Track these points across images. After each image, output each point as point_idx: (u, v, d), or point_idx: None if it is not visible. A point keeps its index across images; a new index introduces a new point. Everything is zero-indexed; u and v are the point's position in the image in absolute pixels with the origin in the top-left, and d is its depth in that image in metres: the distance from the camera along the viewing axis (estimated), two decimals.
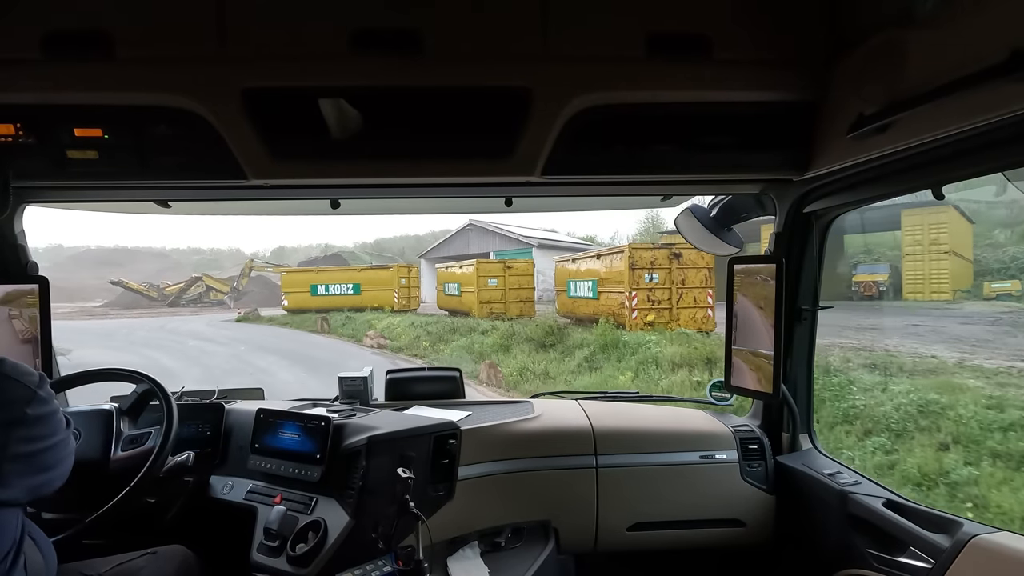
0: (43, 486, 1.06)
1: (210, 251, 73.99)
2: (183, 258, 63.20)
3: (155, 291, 29.77)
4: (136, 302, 29.14)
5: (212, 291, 29.19)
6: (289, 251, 66.44)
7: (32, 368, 1.06)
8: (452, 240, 29.50)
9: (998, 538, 1.25)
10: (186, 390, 2.05)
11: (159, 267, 49.04)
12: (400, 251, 51.58)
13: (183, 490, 1.66)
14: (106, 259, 56.21)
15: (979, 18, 0.95)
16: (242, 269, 29.64)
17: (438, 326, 15.37)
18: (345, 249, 51.24)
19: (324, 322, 18.31)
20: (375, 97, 1.35)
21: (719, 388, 2.08)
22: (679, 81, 1.35)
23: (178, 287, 29.86)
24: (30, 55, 1.26)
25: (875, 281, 15.46)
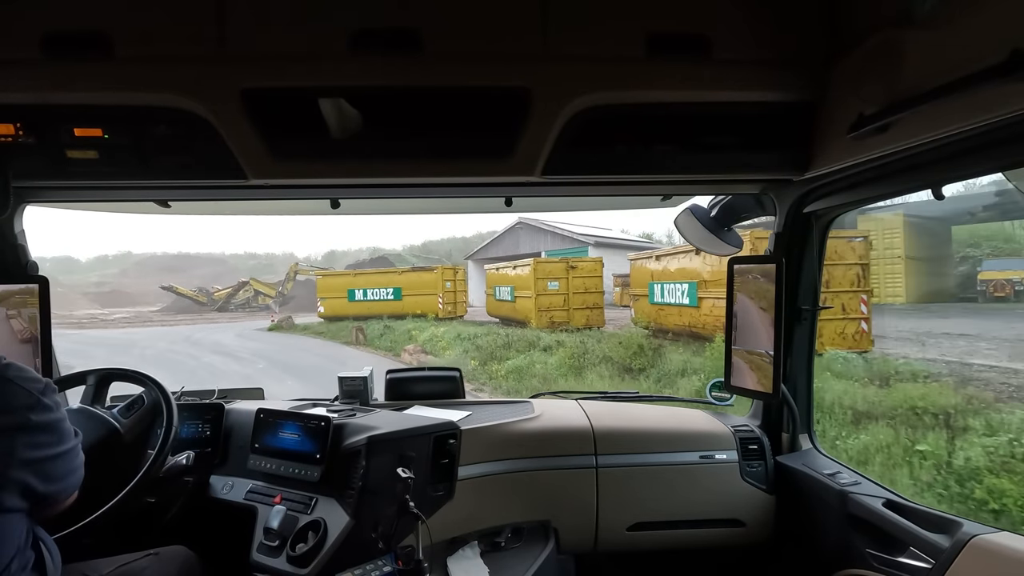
0: (50, 497, 1.05)
1: (265, 255, 75.68)
2: (239, 263, 64.71)
3: (205, 296, 29.71)
4: (188, 307, 29.29)
5: (260, 295, 28.79)
6: (339, 255, 66.52)
7: (38, 374, 1.05)
8: (500, 240, 27.96)
9: (998, 538, 1.25)
10: (186, 390, 2.06)
11: (217, 271, 49.93)
12: (447, 253, 51.08)
13: (183, 490, 1.66)
14: (169, 265, 58.05)
15: (978, 18, 0.95)
16: (287, 273, 29.15)
17: (489, 339, 13.11)
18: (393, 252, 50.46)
19: (359, 333, 16.50)
20: (375, 97, 1.35)
21: (719, 388, 2.07)
22: (679, 81, 1.35)
23: (226, 292, 29.71)
24: (30, 55, 1.26)
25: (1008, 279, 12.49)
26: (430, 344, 13.91)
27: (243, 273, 39.21)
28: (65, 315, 31.31)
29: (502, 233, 28.02)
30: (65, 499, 1.11)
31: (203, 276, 44.15)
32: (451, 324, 16.87)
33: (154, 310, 31.83)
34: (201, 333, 19.33)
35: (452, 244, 60.59)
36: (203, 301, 29.32)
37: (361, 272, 22.89)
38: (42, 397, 1.02)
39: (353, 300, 20.26)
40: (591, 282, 15.00)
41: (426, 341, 14.19)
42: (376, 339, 16.00)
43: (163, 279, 37.02)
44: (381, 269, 23.70)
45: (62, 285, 44.56)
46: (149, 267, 57.74)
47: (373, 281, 20.76)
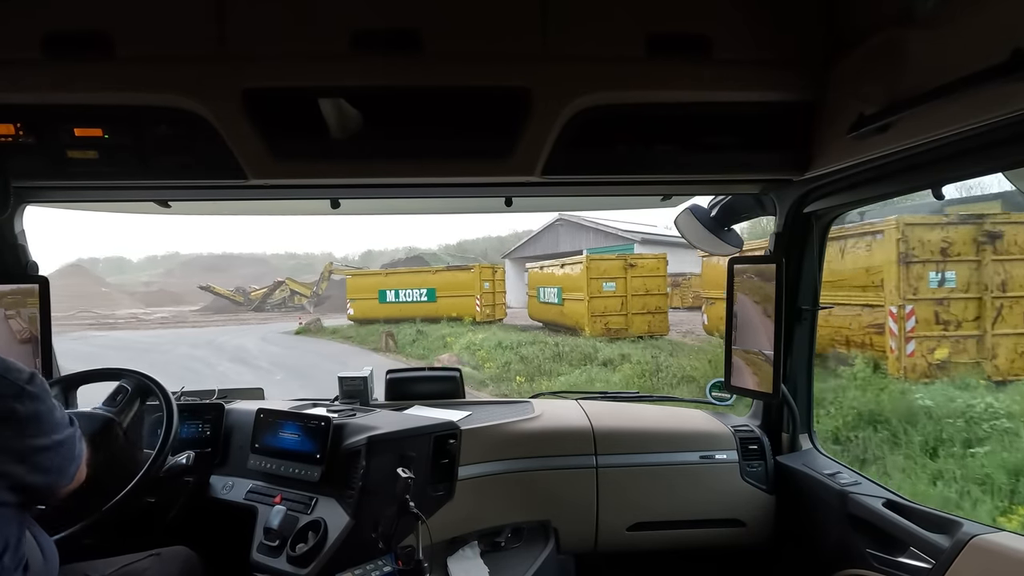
0: (44, 488, 1.04)
1: (304, 255, 76.57)
2: (280, 263, 65.92)
3: (241, 296, 29.67)
4: (225, 307, 29.34)
5: (296, 295, 28.49)
6: (376, 254, 66.64)
7: (23, 365, 1.03)
8: (539, 238, 26.46)
9: (998, 538, 1.25)
10: (186, 390, 2.06)
11: (259, 271, 50.87)
12: (482, 251, 50.49)
13: (183, 490, 1.66)
14: (213, 265, 59.89)
15: (979, 18, 0.95)
16: (322, 272, 28.57)
17: (535, 348, 11.37)
18: (428, 251, 50.23)
19: (389, 339, 14.76)
20: (375, 97, 1.35)
21: (719, 388, 2.07)
22: (679, 81, 1.34)
23: (262, 291, 29.59)
24: (30, 55, 1.26)
25: None
26: (467, 352, 12.30)
27: (283, 273, 39.66)
28: (107, 315, 31.60)
29: (540, 230, 26.56)
30: (60, 490, 1.09)
31: (245, 276, 45.03)
32: (490, 329, 15.36)
33: (194, 309, 32.14)
34: (227, 335, 18.50)
35: (487, 243, 59.96)
36: (240, 301, 29.30)
37: (393, 271, 21.33)
38: (27, 387, 1.00)
39: (384, 302, 18.90)
40: (653, 282, 12.83)
41: (463, 349, 12.64)
42: (407, 345, 14.36)
43: (207, 279, 37.65)
44: (414, 268, 21.91)
45: (108, 285, 45.79)
46: (194, 267, 59.46)
47: (405, 281, 19.21)
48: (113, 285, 50.40)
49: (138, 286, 52.56)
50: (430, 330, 15.67)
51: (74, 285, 40.44)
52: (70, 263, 46.96)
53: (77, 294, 37.98)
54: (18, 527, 1.04)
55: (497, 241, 58.59)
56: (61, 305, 35.40)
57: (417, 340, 14.67)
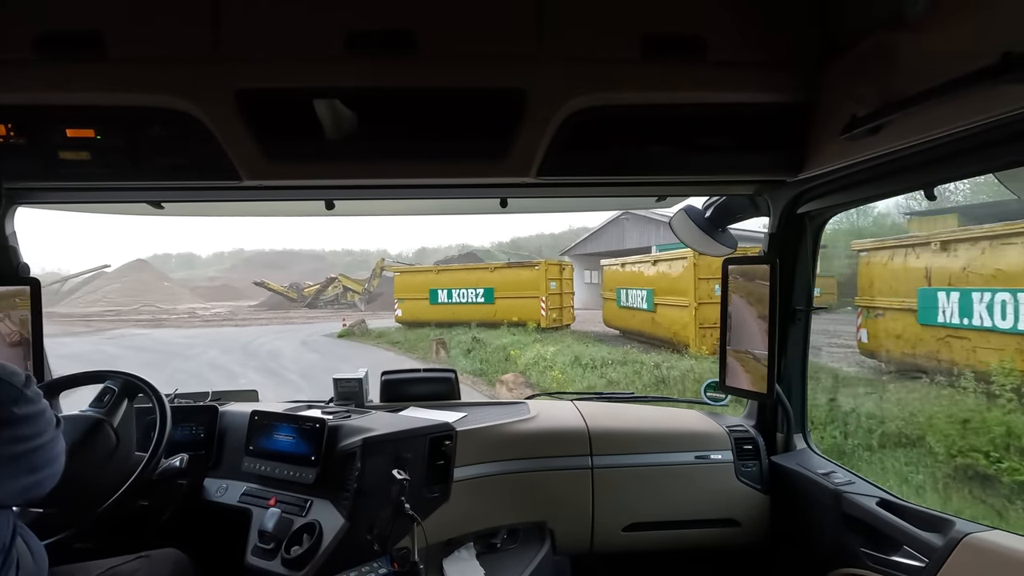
0: (34, 487, 1.05)
1: (360, 252, 76.19)
2: (337, 259, 65.55)
3: (295, 292, 29.30)
4: (280, 303, 29.06)
5: (348, 292, 27.86)
6: (430, 251, 65.78)
7: (16, 367, 1.04)
8: (602, 233, 23.95)
9: (990, 536, 1.26)
10: (179, 392, 2.04)
11: (316, 267, 50.78)
12: (536, 249, 48.47)
13: (177, 493, 1.65)
14: (274, 261, 60.55)
15: (970, 20, 0.96)
16: (373, 269, 27.93)
17: (627, 370, 8.79)
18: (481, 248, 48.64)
19: (440, 347, 12.80)
20: (370, 98, 1.34)
21: (714, 388, 2.08)
22: (673, 82, 1.35)
23: (315, 288, 29.06)
24: (22, 55, 1.25)
25: None
26: (536, 370, 9.72)
27: (340, 269, 39.31)
28: (167, 309, 31.48)
29: (603, 225, 24.08)
30: (48, 487, 1.10)
31: (303, 272, 45.03)
32: (558, 337, 13.08)
33: (251, 305, 32.04)
34: (267, 336, 17.11)
35: (541, 240, 58.34)
36: (293, 297, 29.01)
37: (445, 268, 18.88)
38: (24, 389, 1.02)
39: (435, 303, 16.97)
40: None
41: (530, 365, 10.05)
42: (462, 356, 12.18)
43: (267, 275, 37.65)
44: (469, 265, 19.61)
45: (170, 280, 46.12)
46: (256, 263, 60.07)
47: (459, 279, 16.94)
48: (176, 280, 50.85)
49: (203, 281, 53.14)
50: (488, 337, 13.32)
51: (138, 280, 40.65)
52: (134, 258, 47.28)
53: (141, 289, 38.30)
54: (11, 528, 1.04)
55: (551, 238, 56.85)
56: (124, 299, 35.50)
57: (473, 350, 12.34)
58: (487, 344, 12.61)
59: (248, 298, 34.83)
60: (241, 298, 36.68)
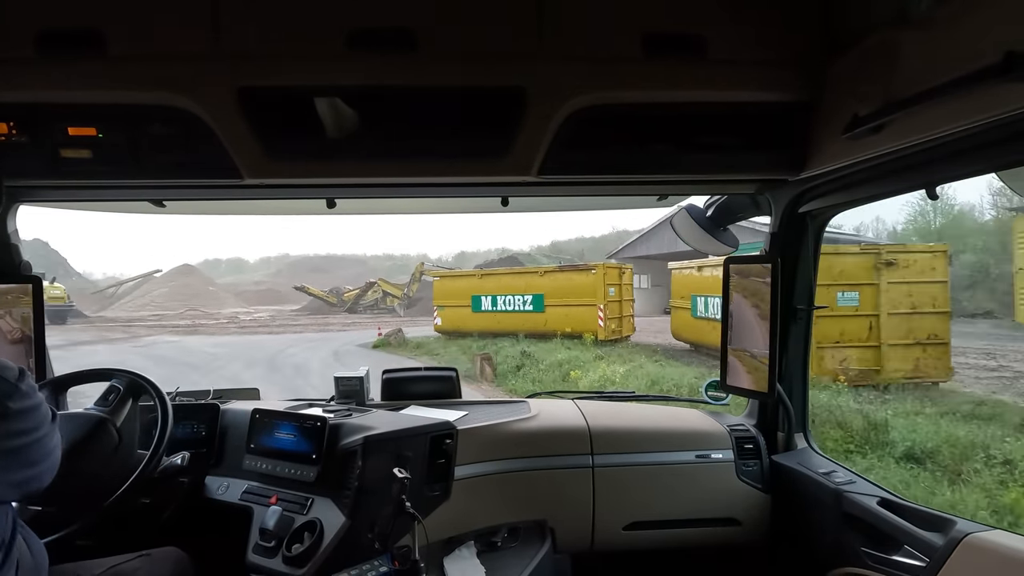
0: (31, 481, 1.04)
1: (400, 256, 77.27)
2: (378, 264, 66.64)
3: (335, 297, 29.14)
4: (320, 308, 28.88)
5: (388, 296, 27.48)
6: (470, 255, 65.39)
7: (10, 362, 1.04)
8: (653, 234, 22.11)
9: (991, 536, 1.26)
10: (181, 390, 2.05)
11: (358, 272, 51.29)
12: (578, 253, 46.73)
13: (178, 491, 1.65)
14: (317, 266, 61.81)
15: (973, 19, 0.95)
16: (412, 274, 27.26)
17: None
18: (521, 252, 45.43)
19: (486, 364, 10.95)
20: (371, 96, 1.34)
21: (715, 387, 2.08)
22: (675, 81, 1.35)
23: (355, 293, 28.85)
24: (23, 53, 1.25)
25: None
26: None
27: (381, 273, 39.37)
28: (212, 313, 31.54)
29: (655, 226, 21.88)
30: (46, 481, 1.09)
31: (345, 277, 45.36)
32: (624, 353, 11.43)
33: (294, 309, 32.07)
34: (299, 347, 15.73)
35: (582, 244, 56.59)
36: (333, 302, 28.82)
37: (489, 272, 17.15)
38: (18, 384, 1.01)
39: (478, 310, 15.39)
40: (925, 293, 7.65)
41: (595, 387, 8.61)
42: (510, 374, 10.61)
43: (311, 279, 37.71)
44: (515, 269, 17.73)
45: (215, 285, 46.88)
46: (301, 268, 61.35)
47: (505, 285, 15.20)
48: (223, 285, 51.62)
49: (250, 285, 54.01)
50: (540, 352, 11.60)
51: (185, 285, 41.17)
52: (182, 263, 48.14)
53: (188, 293, 38.79)
54: (10, 524, 1.04)
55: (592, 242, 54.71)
56: (171, 304, 35.75)
57: (524, 367, 10.79)
58: (539, 360, 10.92)
59: (291, 302, 34.86)
60: (285, 302, 36.79)
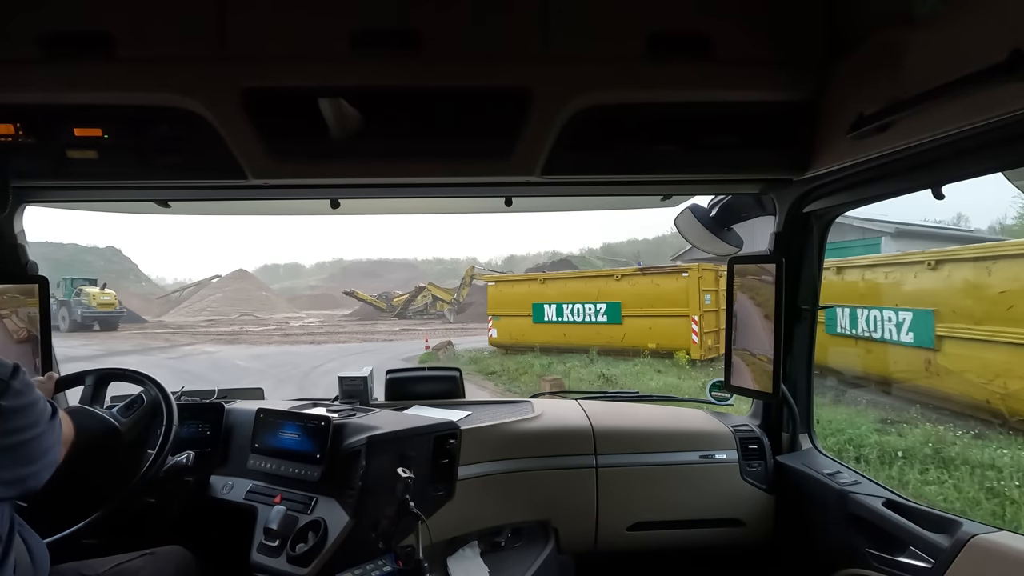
0: (27, 479, 1.04)
1: (450, 260, 77.31)
2: (428, 268, 66.57)
3: (384, 302, 28.61)
4: (370, 313, 28.52)
5: (437, 301, 26.52)
6: (519, 259, 64.36)
7: (4, 359, 1.03)
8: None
9: (998, 538, 1.25)
10: (186, 390, 2.05)
11: (409, 276, 51.21)
12: (633, 255, 42.11)
13: (183, 490, 1.65)
14: (369, 270, 62.54)
15: (979, 18, 0.95)
16: (463, 278, 26.06)
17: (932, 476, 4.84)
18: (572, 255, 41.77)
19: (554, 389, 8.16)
20: (375, 97, 1.35)
21: (719, 388, 2.08)
22: (679, 81, 1.35)
23: (404, 297, 28.15)
24: (30, 55, 1.26)
25: None
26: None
27: (431, 278, 38.75)
28: (264, 318, 31.19)
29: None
30: (44, 478, 1.09)
31: (396, 281, 45.47)
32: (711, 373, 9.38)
33: (345, 314, 31.61)
34: (336, 362, 13.74)
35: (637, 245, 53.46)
36: (383, 307, 28.32)
37: (554, 276, 14.50)
38: (11, 382, 1.00)
39: (541, 321, 12.84)
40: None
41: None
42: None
43: (362, 283, 37.76)
44: (585, 272, 15.16)
45: (268, 290, 47.15)
46: (353, 272, 61.94)
47: (573, 291, 12.71)
48: (279, 289, 52.15)
49: (305, 290, 54.38)
50: (622, 375, 9.49)
51: (239, 290, 41.48)
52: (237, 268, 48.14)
53: (241, 299, 39.10)
54: (8, 522, 1.04)
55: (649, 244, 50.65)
56: (225, 309, 35.84)
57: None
58: (620, 385, 9.00)
59: (343, 307, 34.47)
60: (337, 307, 36.53)
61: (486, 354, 13.37)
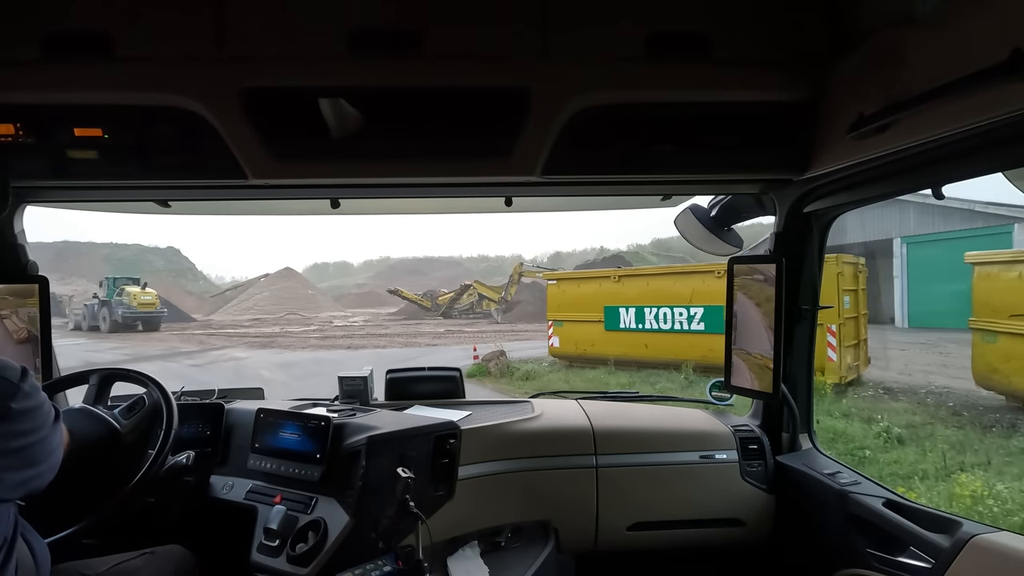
0: (33, 480, 1.04)
1: (495, 257, 77.98)
2: (473, 265, 66.78)
3: (429, 300, 27.85)
4: (415, 312, 27.91)
5: (484, 299, 25.71)
6: (565, 256, 63.54)
7: (13, 362, 1.04)
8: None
9: (998, 538, 1.25)
10: (186, 390, 2.05)
11: (453, 274, 51.25)
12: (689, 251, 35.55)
13: (183, 490, 1.65)
14: (415, 268, 63.14)
15: (979, 18, 0.95)
16: (510, 276, 24.96)
17: None
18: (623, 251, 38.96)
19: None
20: (375, 97, 1.35)
21: (719, 388, 2.08)
22: (679, 81, 1.35)
23: (449, 296, 27.31)
24: (30, 55, 1.26)
25: None
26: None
27: (476, 275, 38.20)
28: (309, 317, 31.07)
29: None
30: (47, 479, 1.10)
31: (441, 279, 45.33)
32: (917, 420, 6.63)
33: (390, 312, 31.29)
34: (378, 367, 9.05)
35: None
36: (427, 306, 27.59)
37: (631, 273, 11.80)
38: (21, 384, 1.01)
39: (616, 328, 10.70)
40: None
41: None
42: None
43: (408, 281, 37.58)
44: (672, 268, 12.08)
45: (313, 288, 47.57)
46: (399, 270, 62.59)
47: (657, 291, 10.37)
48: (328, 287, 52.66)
49: (352, 288, 54.69)
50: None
51: (285, 288, 41.77)
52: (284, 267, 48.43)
53: (288, 297, 39.40)
54: (12, 524, 1.04)
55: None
56: (271, 307, 35.94)
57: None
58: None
59: (389, 305, 33.97)
60: (383, 305, 36.25)
61: (545, 366, 11.05)
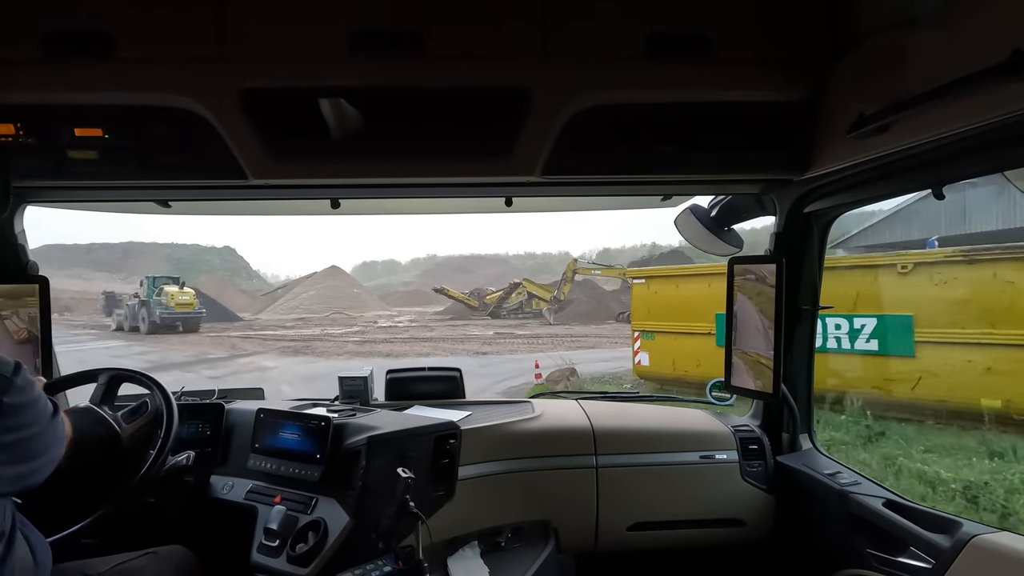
0: (28, 476, 1.04)
1: (542, 255, 77.59)
2: (520, 263, 66.64)
3: (476, 299, 26.44)
4: (462, 311, 26.65)
5: (534, 299, 24.35)
6: (614, 252, 61.50)
7: (7, 357, 1.04)
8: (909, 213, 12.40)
9: (998, 538, 1.25)
10: (186, 390, 2.05)
11: (500, 271, 51.23)
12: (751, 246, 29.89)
13: (183, 490, 1.65)
14: (461, 266, 62.89)
15: (979, 18, 0.95)
16: (564, 273, 23.54)
17: None
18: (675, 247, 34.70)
19: None
20: (375, 97, 1.35)
21: (719, 388, 2.07)
22: (679, 81, 1.35)
23: (498, 295, 25.99)
24: (30, 55, 1.26)
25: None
26: None
27: (523, 273, 37.66)
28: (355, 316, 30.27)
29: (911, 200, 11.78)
30: (45, 474, 1.09)
31: (488, 276, 45.23)
32: None
33: (437, 311, 30.19)
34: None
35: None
36: (474, 305, 26.23)
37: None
38: (13, 378, 1.01)
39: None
40: None
41: None
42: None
43: (454, 279, 37.37)
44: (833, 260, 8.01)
45: (359, 287, 47.63)
46: (446, 268, 62.69)
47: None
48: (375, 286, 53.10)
49: (400, 286, 54.79)
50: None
51: (331, 287, 41.83)
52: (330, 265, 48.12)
53: (333, 295, 39.46)
54: (9, 519, 1.04)
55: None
56: (317, 306, 35.97)
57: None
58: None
59: (435, 304, 33.11)
60: (429, 303, 35.57)
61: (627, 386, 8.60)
